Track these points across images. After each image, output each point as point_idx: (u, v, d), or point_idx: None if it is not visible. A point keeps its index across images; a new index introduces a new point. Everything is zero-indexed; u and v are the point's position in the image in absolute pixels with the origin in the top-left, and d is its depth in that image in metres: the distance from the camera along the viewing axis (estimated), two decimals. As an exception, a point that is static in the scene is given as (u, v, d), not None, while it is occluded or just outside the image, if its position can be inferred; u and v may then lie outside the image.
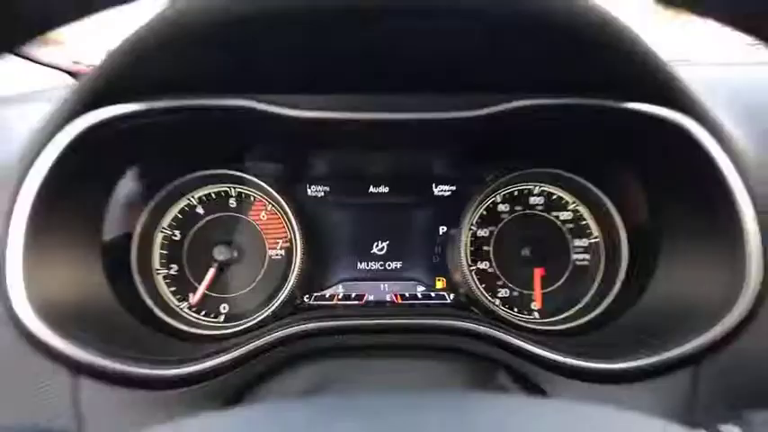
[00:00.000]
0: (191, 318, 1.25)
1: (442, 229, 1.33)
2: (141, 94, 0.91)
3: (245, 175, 1.26)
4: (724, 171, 0.93)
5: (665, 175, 1.07)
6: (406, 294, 1.32)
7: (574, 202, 1.33)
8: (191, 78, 0.93)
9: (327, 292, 1.31)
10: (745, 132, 1.00)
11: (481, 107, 0.96)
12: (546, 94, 0.95)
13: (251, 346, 0.95)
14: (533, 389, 0.98)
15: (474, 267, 1.30)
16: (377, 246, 1.32)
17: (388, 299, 1.31)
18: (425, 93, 0.98)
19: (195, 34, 0.83)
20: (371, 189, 1.33)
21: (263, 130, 1.04)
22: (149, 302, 1.20)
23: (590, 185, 1.29)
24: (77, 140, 0.88)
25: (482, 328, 1.01)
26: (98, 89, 0.88)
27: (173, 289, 1.26)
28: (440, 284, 1.32)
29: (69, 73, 1.25)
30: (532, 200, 1.34)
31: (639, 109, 0.93)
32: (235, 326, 1.20)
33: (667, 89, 0.91)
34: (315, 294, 1.30)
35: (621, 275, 1.25)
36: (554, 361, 0.96)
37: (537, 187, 1.33)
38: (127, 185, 1.13)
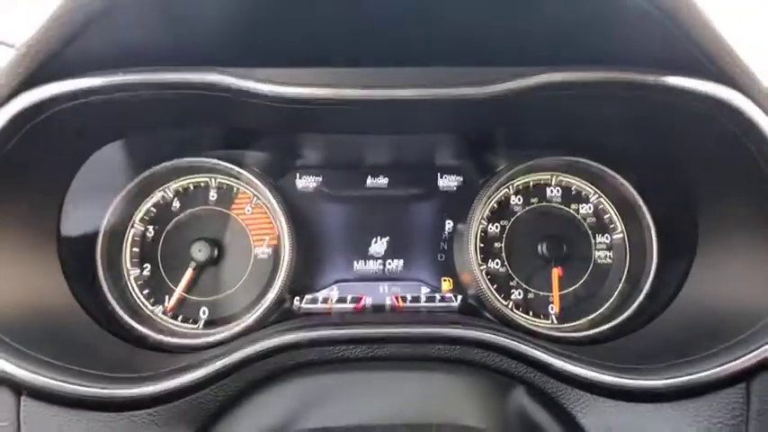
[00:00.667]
0: (165, 324, 1.11)
1: (449, 225, 1.20)
2: (91, 68, 0.77)
3: (226, 165, 1.12)
4: None
5: (710, 161, 0.93)
6: (409, 297, 1.18)
7: (595, 194, 1.20)
8: (150, 51, 0.79)
9: (320, 295, 1.17)
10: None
11: (501, 82, 0.82)
12: (578, 67, 0.82)
13: (228, 360, 0.82)
14: (556, 408, 0.84)
15: (484, 267, 1.17)
16: (375, 243, 1.19)
17: (388, 302, 1.18)
18: (432, 65, 0.85)
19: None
20: (369, 180, 1.20)
21: (243, 112, 0.91)
22: (117, 307, 1.06)
23: (615, 175, 1.16)
24: (13, 124, 0.75)
25: (495, 338, 0.87)
26: (39, 63, 0.74)
27: (145, 292, 1.12)
28: (446, 286, 1.19)
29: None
30: (549, 192, 1.21)
31: (687, 86, 0.80)
32: (215, 333, 1.06)
33: (722, 65, 0.77)
34: (306, 297, 1.17)
35: (650, 276, 1.12)
36: (581, 377, 0.82)
37: (554, 178, 1.20)
38: (90, 174, 0.99)
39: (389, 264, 1.19)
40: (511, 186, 1.20)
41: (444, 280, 1.19)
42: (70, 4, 0.72)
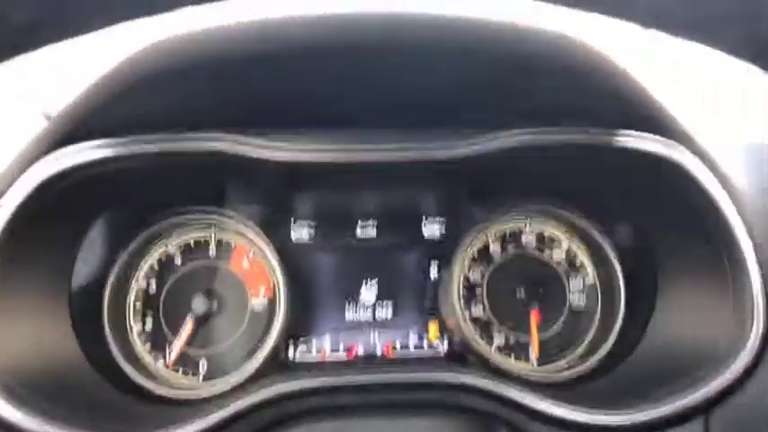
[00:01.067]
0: (166, 377, 1.16)
1: (434, 272, 1.27)
2: (112, 135, 0.86)
3: (225, 220, 1.20)
4: (722, 207, 0.90)
5: (661, 211, 1.04)
6: (398, 344, 1.24)
7: (567, 241, 1.29)
8: (164, 118, 0.89)
9: (314, 345, 1.23)
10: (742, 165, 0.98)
11: (469, 145, 0.92)
12: (541, 130, 0.92)
13: (230, 410, 0.88)
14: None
15: (467, 312, 1.24)
16: (365, 292, 1.26)
17: (378, 350, 1.24)
18: (410, 129, 0.95)
19: (170, 73, 0.81)
20: (359, 231, 1.27)
21: (243, 173, 1.00)
22: (121, 361, 1.11)
23: (584, 223, 1.25)
24: (41, 186, 0.83)
25: (479, 382, 0.94)
26: (65, 132, 0.84)
27: (147, 345, 1.17)
28: (433, 331, 1.25)
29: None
30: (524, 239, 1.29)
31: (630, 144, 0.91)
32: (214, 385, 1.12)
33: (657, 123, 0.89)
34: (300, 347, 1.22)
35: (620, 318, 1.20)
36: (556, 417, 0.90)
37: (529, 225, 1.29)
38: (98, 233, 1.07)
39: (379, 311, 1.25)
40: (489, 234, 1.28)
41: (431, 325, 1.26)
42: (98, 82, 0.82)
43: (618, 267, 1.22)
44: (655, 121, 0.91)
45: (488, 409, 0.94)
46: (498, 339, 1.24)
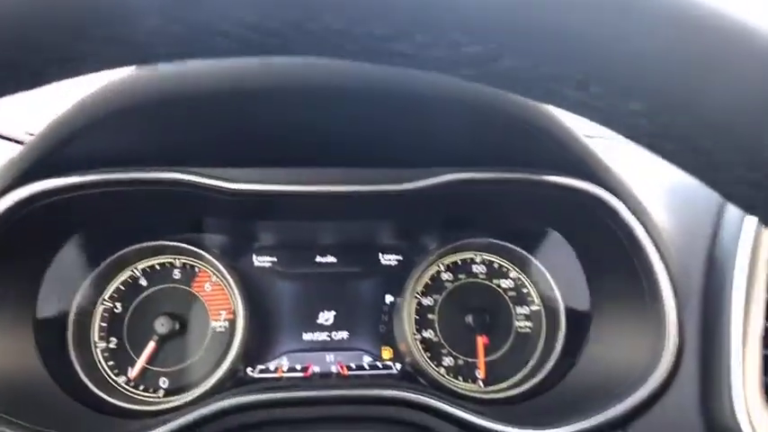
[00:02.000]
0: (128, 393, 1.20)
1: (389, 299, 1.34)
2: (75, 168, 0.93)
3: (189, 247, 1.27)
4: (641, 240, 1.00)
5: (591, 245, 1.14)
6: (353, 365, 1.31)
7: (514, 271, 1.38)
8: (127, 152, 0.97)
9: (271, 365, 1.29)
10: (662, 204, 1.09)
11: (412, 181, 1.02)
12: (473, 168, 1.03)
13: (183, 420, 0.93)
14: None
15: (419, 336, 1.31)
16: (323, 316, 1.32)
17: (333, 370, 1.30)
18: (359, 167, 1.05)
19: (133, 110, 0.88)
20: (318, 258, 1.35)
21: (207, 203, 1.07)
22: (85, 379, 1.16)
23: (527, 254, 1.35)
24: (8, 215, 0.89)
25: (422, 398, 1.02)
26: (31, 163, 0.90)
27: (111, 363, 1.22)
28: (386, 354, 1.32)
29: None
30: (475, 268, 1.38)
31: (557, 181, 1.01)
32: (173, 401, 1.17)
33: (583, 162, 1.00)
34: (259, 367, 1.28)
35: (560, 342, 1.29)
36: (490, 430, 0.97)
37: (478, 256, 1.38)
38: (66, 257, 1.13)
39: (335, 335, 1.32)
40: (441, 264, 1.37)
41: (385, 349, 1.32)
42: (65, 117, 0.90)
43: (558, 295, 1.32)
44: (583, 165, 1.02)
45: (433, 426, 1.01)
46: (447, 361, 1.31)
